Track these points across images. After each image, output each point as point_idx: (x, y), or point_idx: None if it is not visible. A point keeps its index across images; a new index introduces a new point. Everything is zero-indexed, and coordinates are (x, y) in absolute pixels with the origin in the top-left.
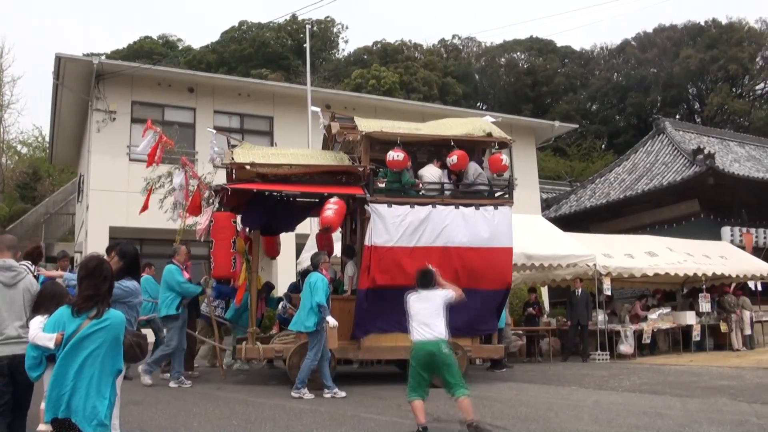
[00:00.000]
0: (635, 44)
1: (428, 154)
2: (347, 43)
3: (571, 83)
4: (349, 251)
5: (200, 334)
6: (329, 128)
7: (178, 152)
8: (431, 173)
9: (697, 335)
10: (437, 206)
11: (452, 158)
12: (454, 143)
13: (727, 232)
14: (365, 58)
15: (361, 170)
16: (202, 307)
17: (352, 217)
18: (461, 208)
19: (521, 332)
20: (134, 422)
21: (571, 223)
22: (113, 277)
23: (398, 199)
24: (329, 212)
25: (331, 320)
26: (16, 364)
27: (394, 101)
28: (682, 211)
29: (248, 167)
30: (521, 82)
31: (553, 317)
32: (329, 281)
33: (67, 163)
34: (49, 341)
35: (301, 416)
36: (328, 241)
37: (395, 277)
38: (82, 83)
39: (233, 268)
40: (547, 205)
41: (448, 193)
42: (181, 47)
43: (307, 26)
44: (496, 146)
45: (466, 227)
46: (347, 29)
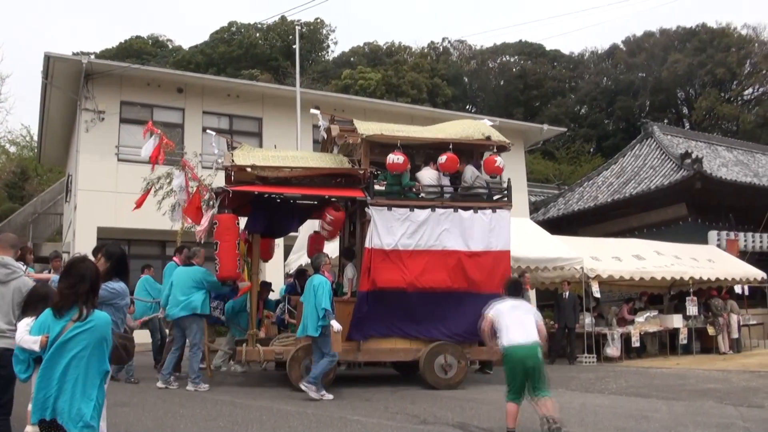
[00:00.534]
0: (624, 48)
1: (425, 157)
2: (336, 44)
3: (560, 87)
4: (348, 253)
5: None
6: (329, 131)
7: (177, 154)
8: (429, 176)
9: (684, 338)
10: (436, 209)
11: (441, 158)
12: (452, 146)
13: (714, 235)
14: (352, 60)
15: (361, 173)
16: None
17: (351, 219)
18: (460, 211)
19: None
20: (121, 424)
21: (559, 226)
22: (97, 277)
23: (398, 201)
24: (322, 232)
25: (335, 324)
26: None
27: (382, 103)
28: (669, 214)
29: (249, 169)
30: (511, 85)
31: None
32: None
33: (55, 162)
34: (34, 344)
35: (287, 418)
36: (319, 244)
37: (395, 279)
38: (71, 82)
39: (239, 269)
40: (535, 208)
41: (447, 196)
42: (170, 47)
43: (296, 27)
44: (494, 149)
45: (464, 230)
46: (336, 31)
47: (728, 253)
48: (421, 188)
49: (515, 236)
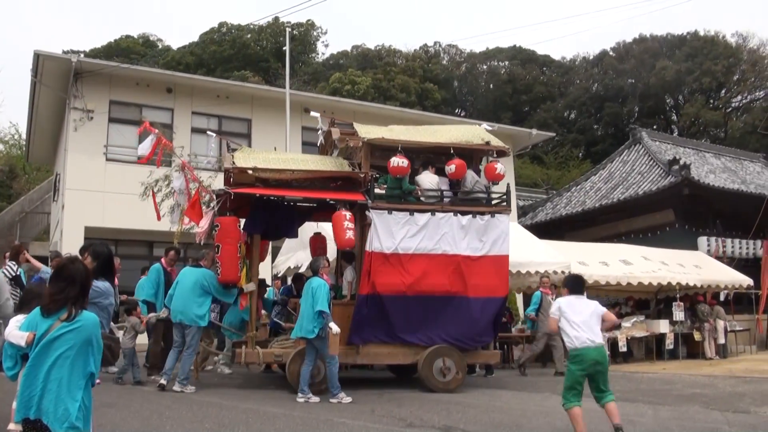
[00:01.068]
0: (614, 55)
1: (424, 161)
2: (327, 47)
3: (549, 92)
4: (347, 256)
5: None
6: (329, 134)
7: (168, 154)
8: (429, 180)
9: (670, 343)
10: (436, 213)
11: (450, 167)
12: (453, 151)
13: (704, 242)
14: (341, 62)
15: (362, 176)
16: None
17: None
18: (459, 215)
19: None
20: (107, 425)
21: (546, 230)
22: (87, 279)
23: (398, 205)
24: (349, 234)
25: (333, 327)
26: None
27: (372, 106)
28: (657, 220)
29: (251, 171)
30: (500, 89)
31: (526, 324)
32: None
33: (43, 161)
34: (20, 339)
35: (274, 420)
36: (321, 244)
37: (395, 283)
38: (60, 81)
39: (240, 272)
40: (523, 212)
41: (447, 200)
42: (160, 47)
43: (287, 29)
44: (494, 155)
45: (464, 235)
46: (327, 33)
47: (720, 258)
48: (421, 192)
49: None
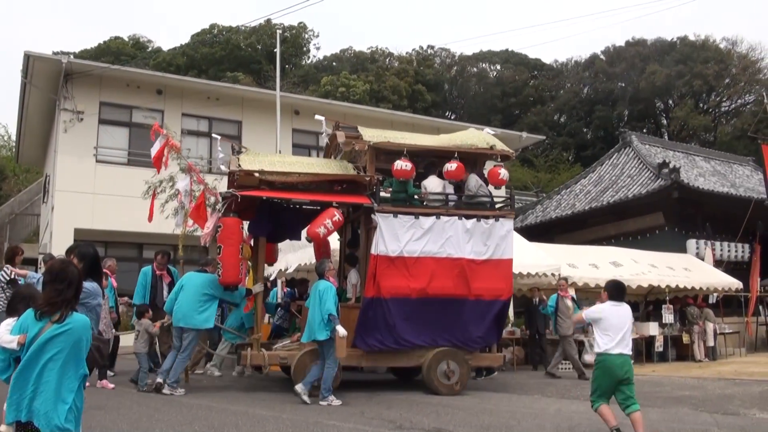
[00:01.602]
0: (604, 58)
1: (428, 165)
2: (318, 49)
3: (540, 95)
4: (351, 259)
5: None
6: (333, 137)
7: (185, 157)
8: (435, 184)
9: (660, 346)
10: (441, 217)
11: (451, 165)
12: (457, 154)
13: (693, 244)
14: (334, 65)
15: (367, 180)
16: None
17: (352, 225)
18: (464, 219)
19: None
20: (96, 427)
21: (536, 233)
22: (80, 281)
23: (404, 209)
24: (321, 230)
25: (340, 330)
26: None
27: (363, 108)
28: (647, 223)
29: (257, 174)
30: (490, 92)
31: (517, 326)
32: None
33: (33, 162)
34: (11, 343)
35: (263, 423)
36: (326, 248)
37: (400, 286)
38: (50, 82)
39: (241, 274)
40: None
41: (451, 204)
42: (150, 48)
43: (277, 31)
44: (498, 159)
45: (469, 238)
46: (318, 36)
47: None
48: (426, 196)
49: None
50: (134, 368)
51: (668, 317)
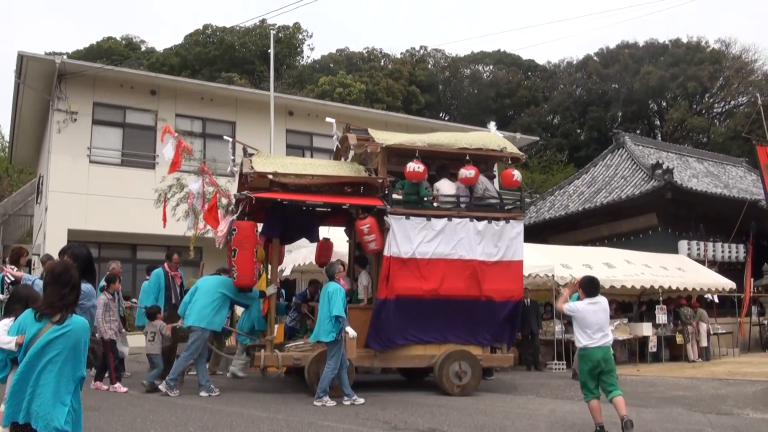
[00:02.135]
0: (597, 60)
1: (439, 167)
2: (313, 50)
3: (533, 96)
4: (361, 260)
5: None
6: (344, 139)
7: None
8: (447, 187)
9: (653, 346)
10: (453, 219)
11: (468, 172)
12: (469, 157)
13: (684, 245)
14: (331, 66)
15: (380, 182)
16: None
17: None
18: (475, 221)
19: None
20: (91, 428)
21: (530, 234)
22: (79, 283)
23: (416, 211)
24: (373, 245)
25: (350, 331)
26: None
27: (358, 109)
28: (640, 224)
29: (271, 176)
30: (484, 93)
31: None
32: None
33: (26, 163)
34: (9, 344)
35: (258, 424)
36: (327, 250)
37: (412, 287)
38: (43, 82)
39: (255, 276)
40: None
41: (463, 206)
42: (144, 49)
43: (271, 32)
44: (509, 161)
45: (480, 240)
46: (313, 36)
47: (703, 261)
48: (437, 198)
49: None
50: (136, 369)
51: (661, 318)
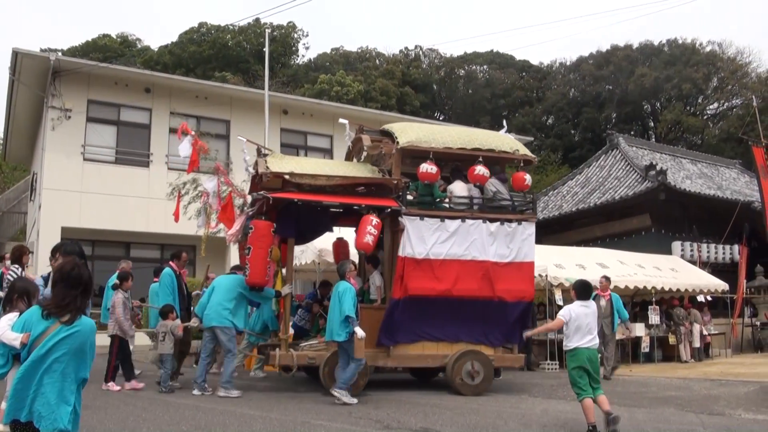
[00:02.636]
0: (591, 61)
1: (454, 168)
2: (308, 49)
3: (527, 97)
4: (373, 260)
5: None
6: (357, 140)
7: (212, 159)
8: (461, 189)
9: (646, 347)
10: (466, 220)
11: (480, 170)
12: (482, 158)
13: (677, 246)
14: (327, 64)
15: (395, 183)
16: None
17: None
18: (488, 222)
19: None
20: (83, 427)
21: None
22: (91, 282)
23: (430, 212)
24: (369, 239)
25: (359, 331)
26: None
27: (352, 109)
28: (633, 225)
29: (287, 177)
30: (479, 94)
31: None
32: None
33: (20, 160)
34: (15, 341)
35: (251, 422)
36: (344, 249)
37: (426, 287)
38: (38, 79)
39: (268, 276)
40: None
41: (476, 207)
42: (139, 46)
43: (266, 30)
44: (521, 164)
45: (492, 241)
46: (308, 36)
47: (695, 262)
48: (451, 199)
49: None
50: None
51: (654, 318)
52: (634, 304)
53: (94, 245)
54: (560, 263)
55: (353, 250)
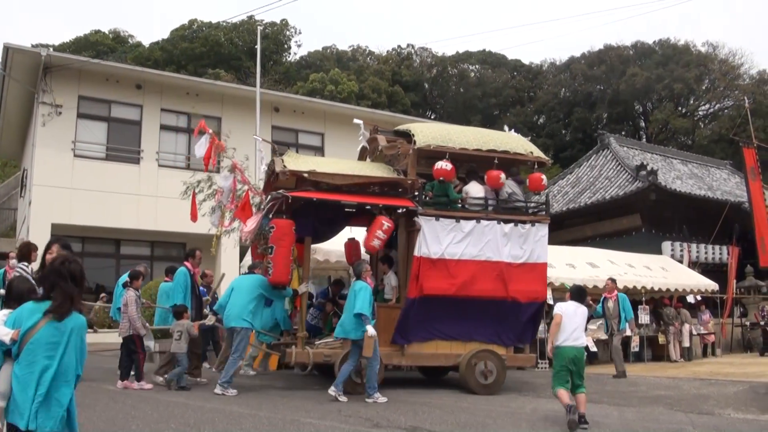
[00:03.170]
0: (583, 61)
1: (469, 169)
2: (300, 47)
3: (519, 96)
4: (387, 260)
5: None
6: (372, 140)
7: (229, 157)
8: (477, 190)
9: (635, 346)
10: (481, 221)
11: (494, 172)
12: (497, 160)
13: (668, 246)
14: (318, 63)
15: (410, 183)
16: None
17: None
18: (502, 223)
19: None
20: None
21: None
22: (82, 278)
23: (445, 213)
24: (376, 242)
25: (370, 330)
26: None
27: (344, 107)
28: (624, 224)
29: (306, 175)
30: (470, 93)
31: None
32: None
33: (11, 156)
34: (5, 336)
35: (240, 420)
36: (356, 249)
37: (441, 287)
38: (29, 75)
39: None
40: None
41: (491, 209)
42: (131, 43)
43: (258, 28)
44: (536, 166)
45: (506, 242)
46: (300, 33)
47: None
48: (466, 200)
49: None
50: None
51: (644, 318)
52: None
53: (84, 242)
54: (550, 262)
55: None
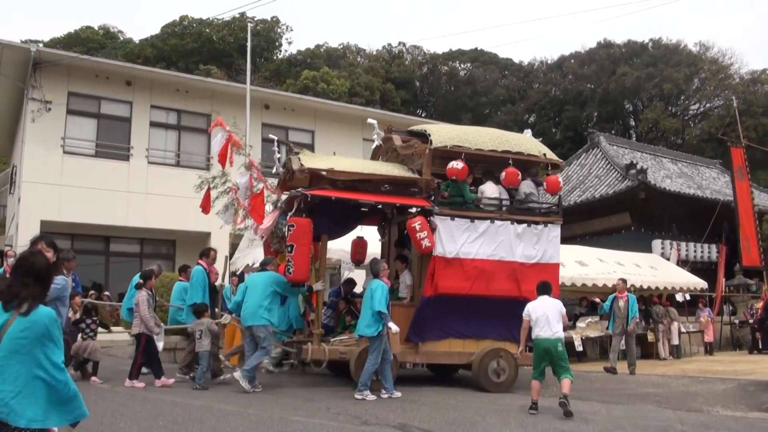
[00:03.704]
0: (573, 60)
1: (485, 170)
2: (291, 44)
3: (510, 95)
4: (403, 259)
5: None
6: (387, 140)
7: (245, 154)
8: (492, 190)
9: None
10: (495, 221)
11: (508, 172)
12: (512, 161)
13: (657, 244)
14: (308, 61)
15: (425, 182)
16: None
17: (399, 226)
18: (516, 224)
19: None
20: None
21: None
22: (48, 271)
23: (460, 212)
24: (426, 242)
25: (393, 326)
26: None
27: (335, 104)
28: (613, 223)
29: (324, 174)
30: (461, 91)
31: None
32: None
33: (0, 153)
34: None
35: (228, 418)
36: (362, 248)
37: (456, 286)
38: (18, 71)
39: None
40: None
41: (505, 209)
42: (122, 39)
43: (249, 24)
44: (549, 167)
45: (519, 242)
46: (292, 30)
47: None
48: (481, 200)
49: None
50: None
51: None
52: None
53: (73, 239)
54: None
55: (371, 250)
